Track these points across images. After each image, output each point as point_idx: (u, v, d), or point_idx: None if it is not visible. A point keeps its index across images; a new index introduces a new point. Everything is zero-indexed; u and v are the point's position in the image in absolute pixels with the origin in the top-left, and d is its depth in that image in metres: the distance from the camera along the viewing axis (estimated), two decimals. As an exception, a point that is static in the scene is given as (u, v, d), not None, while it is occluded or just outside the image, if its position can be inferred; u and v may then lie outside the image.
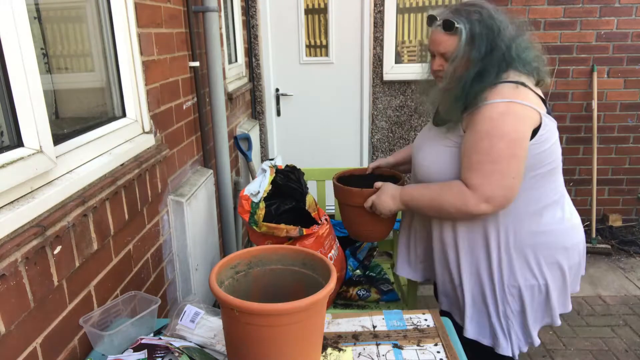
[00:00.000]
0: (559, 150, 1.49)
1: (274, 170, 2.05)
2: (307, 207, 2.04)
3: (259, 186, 1.99)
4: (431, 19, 1.49)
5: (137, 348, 1.18)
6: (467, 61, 1.42)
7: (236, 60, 3.55)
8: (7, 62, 1.04)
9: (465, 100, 1.42)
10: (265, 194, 1.96)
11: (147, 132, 1.73)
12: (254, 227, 1.90)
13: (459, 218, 1.49)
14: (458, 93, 1.42)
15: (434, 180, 1.53)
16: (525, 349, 1.56)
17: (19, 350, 0.99)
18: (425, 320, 1.35)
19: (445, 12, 1.45)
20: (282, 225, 1.87)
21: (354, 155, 4.14)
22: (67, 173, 1.24)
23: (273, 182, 2.00)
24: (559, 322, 1.54)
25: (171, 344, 1.19)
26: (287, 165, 2.14)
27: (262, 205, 1.92)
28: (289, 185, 2.03)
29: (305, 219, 2.00)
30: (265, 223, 1.88)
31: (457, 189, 1.43)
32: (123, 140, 1.57)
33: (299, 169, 2.14)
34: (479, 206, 1.40)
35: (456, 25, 1.40)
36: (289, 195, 2.02)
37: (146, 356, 1.15)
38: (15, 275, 0.95)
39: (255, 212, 1.91)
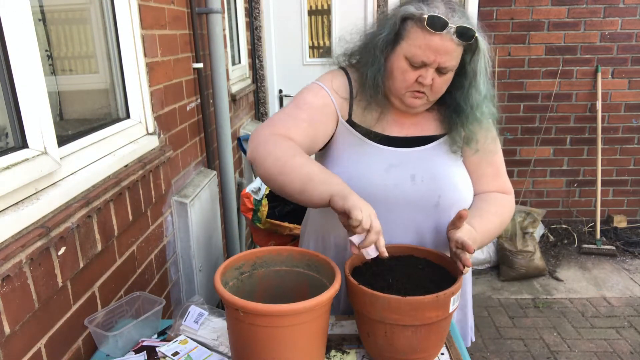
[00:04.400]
0: None
1: None
2: None
3: (260, 183, 2.00)
4: (441, 23, 1.13)
5: (138, 350, 1.18)
6: (467, 76, 1.24)
7: (240, 62, 3.55)
8: (12, 64, 1.04)
9: (461, 118, 1.28)
10: (267, 192, 1.96)
11: (151, 134, 1.73)
12: (258, 224, 1.91)
13: None
14: (461, 110, 1.27)
15: (468, 202, 1.32)
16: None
17: (23, 351, 1.00)
18: (430, 321, 1.33)
19: (447, 14, 1.15)
20: (286, 223, 1.87)
21: (357, 156, 4.13)
22: (71, 174, 1.24)
23: None
24: None
25: (165, 355, 1.19)
26: None
27: (265, 202, 1.92)
28: None
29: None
30: (269, 220, 1.88)
31: (507, 201, 1.34)
32: (127, 141, 1.57)
33: None
34: (514, 207, 1.39)
35: (476, 35, 1.15)
36: None
37: (145, 358, 1.15)
38: (20, 276, 0.95)
39: (258, 209, 1.91)
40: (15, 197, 1.02)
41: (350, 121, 1.32)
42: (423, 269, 1.19)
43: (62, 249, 1.10)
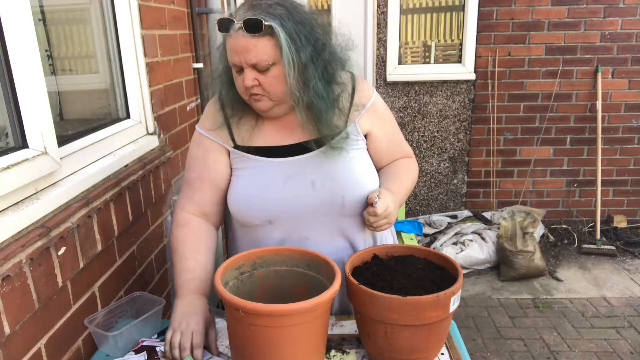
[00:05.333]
0: None
1: None
2: None
3: None
4: (226, 23, 1.12)
5: (138, 350, 1.18)
6: (299, 65, 1.13)
7: (239, 62, 3.55)
8: (12, 64, 1.04)
9: (333, 108, 1.21)
10: None
11: (151, 134, 1.73)
12: None
13: None
14: (324, 103, 1.18)
15: (370, 189, 1.27)
16: None
17: (23, 351, 1.00)
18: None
19: (240, 12, 1.12)
20: None
21: (357, 156, 4.13)
22: (71, 174, 1.24)
23: None
24: None
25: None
26: None
27: None
28: None
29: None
30: None
31: (411, 163, 1.43)
32: (127, 141, 1.57)
33: None
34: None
35: (265, 23, 1.08)
36: None
37: (146, 358, 1.15)
38: (20, 276, 0.95)
39: None
40: (16, 197, 1.02)
41: (236, 145, 1.29)
42: (423, 269, 1.19)
43: (62, 249, 1.10)
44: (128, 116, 1.68)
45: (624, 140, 3.91)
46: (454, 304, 1.06)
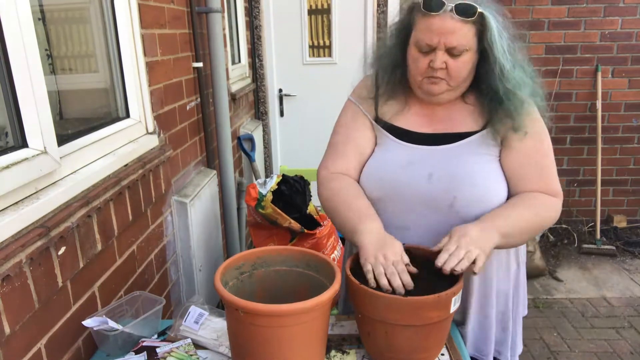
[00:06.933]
0: None
1: (281, 176, 2.08)
2: (308, 211, 2.07)
3: (265, 179, 2.04)
4: (435, 3, 1.13)
5: (138, 350, 1.18)
6: (494, 56, 1.16)
7: (239, 61, 3.55)
8: (11, 63, 1.04)
9: (504, 104, 1.19)
10: (274, 189, 1.98)
11: (151, 133, 1.73)
12: (260, 211, 1.92)
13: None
14: (501, 96, 1.19)
15: (489, 205, 1.22)
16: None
17: (23, 351, 0.99)
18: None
19: None
20: (286, 216, 1.89)
21: (357, 155, 4.14)
22: (71, 174, 1.24)
23: (280, 194, 2.01)
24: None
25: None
26: (295, 175, 2.16)
27: (270, 194, 1.95)
28: (292, 196, 2.05)
29: (309, 226, 2.02)
30: (272, 204, 1.90)
31: (549, 201, 1.25)
32: (127, 141, 1.57)
33: (306, 180, 2.15)
34: (559, 211, 1.27)
35: (478, 10, 1.11)
36: (293, 206, 2.04)
37: (146, 358, 1.15)
38: (20, 276, 0.95)
39: (262, 199, 1.93)
40: (15, 196, 1.02)
41: (377, 118, 1.34)
42: (423, 269, 1.19)
43: (62, 249, 1.10)
44: (128, 115, 1.67)
45: (623, 140, 3.91)
46: (454, 304, 1.06)
